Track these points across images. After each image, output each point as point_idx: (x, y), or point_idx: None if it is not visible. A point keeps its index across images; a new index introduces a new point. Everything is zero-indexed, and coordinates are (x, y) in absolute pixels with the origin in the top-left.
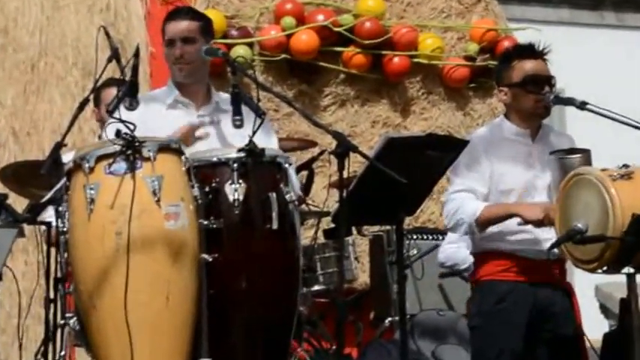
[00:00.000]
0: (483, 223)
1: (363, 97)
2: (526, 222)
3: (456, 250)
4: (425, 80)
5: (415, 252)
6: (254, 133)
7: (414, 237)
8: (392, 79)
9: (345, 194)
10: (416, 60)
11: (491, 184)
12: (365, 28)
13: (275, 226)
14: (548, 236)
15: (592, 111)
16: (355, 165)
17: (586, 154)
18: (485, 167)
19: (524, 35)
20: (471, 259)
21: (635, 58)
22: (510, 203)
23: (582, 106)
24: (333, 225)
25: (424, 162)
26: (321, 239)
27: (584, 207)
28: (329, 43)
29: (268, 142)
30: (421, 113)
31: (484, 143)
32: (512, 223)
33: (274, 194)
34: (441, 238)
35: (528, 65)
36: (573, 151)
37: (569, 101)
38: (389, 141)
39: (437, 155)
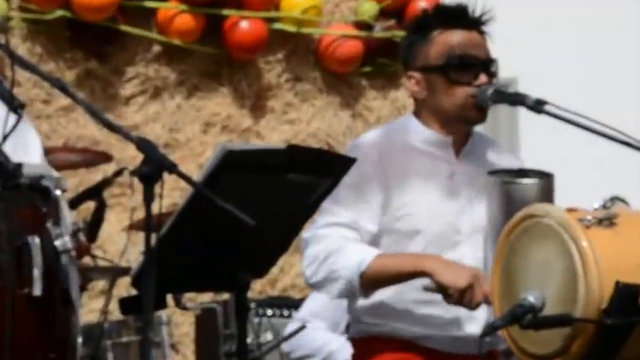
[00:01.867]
0: (372, 282)
1: (189, 83)
2: (439, 288)
3: (311, 331)
4: (291, 59)
5: (270, 336)
6: (4, 138)
7: (269, 312)
8: (237, 56)
9: (154, 241)
10: (276, 26)
11: (386, 221)
12: None
13: (37, 291)
14: (476, 314)
15: (553, 115)
16: (174, 195)
17: (546, 180)
18: (376, 192)
19: None
20: (338, 346)
21: (625, 34)
22: (418, 254)
23: (538, 106)
24: (134, 291)
25: (284, 191)
26: (116, 314)
27: (538, 269)
28: None
29: (27, 153)
30: (284, 112)
31: (378, 154)
32: (416, 289)
33: (37, 239)
34: None
35: (455, 39)
36: (525, 173)
37: (516, 99)
38: (228, 155)
39: (305, 181)
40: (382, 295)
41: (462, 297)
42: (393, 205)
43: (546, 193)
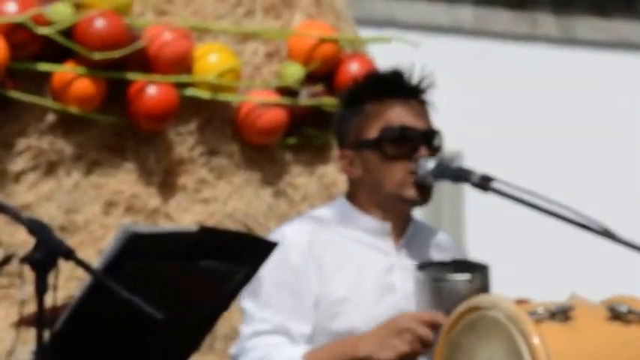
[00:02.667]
0: None
1: (89, 157)
2: None
3: None
4: (205, 130)
5: None
6: None
7: None
8: (144, 126)
9: (47, 339)
10: (189, 92)
11: (319, 319)
12: (94, 31)
13: None
14: None
15: (502, 193)
16: (71, 286)
17: (480, 273)
18: (308, 288)
19: (388, 52)
20: None
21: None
22: (347, 341)
23: (484, 183)
24: None
25: (196, 280)
26: None
27: None
28: (28, 56)
29: None
30: (197, 190)
31: (307, 244)
32: None
33: None
34: None
35: (391, 110)
36: (457, 266)
37: (460, 174)
38: (131, 238)
39: (220, 268)
40: None
41: (415, 353)
42: (327, 300)
43: (481, 288)
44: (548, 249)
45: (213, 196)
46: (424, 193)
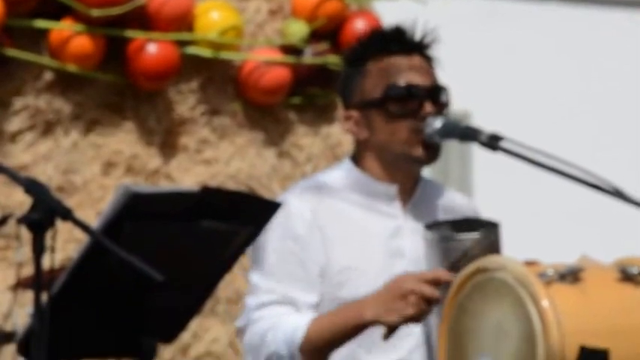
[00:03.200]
0: (316, 350)
1: (87, 116)
2: (394, 328)
3: None
4: (207, 89)
5: None
6: None
7: None
8: (144, 85)
9: (44, 301)
10: (190, 50)
11: (326, 288)
12: None
13: None
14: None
15: (511, 153)
16: (69, 248)
17: (489, 230)
18: (313, 257)
19: (395, 10)
20: None
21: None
22: (352, 305)
23: (493, 142)
24: None
25: (197, 241)
26: None
27: (492, 331)
28: (24, 13)
29: None
30: (199, 151)
31: (311, 212)
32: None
33: None
34: None
35: (394, 66)
36: (466, 225)
37: (468, 133)
38: (131, 198)
39: (221, 229)
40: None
41: (420, 313)
42: (333, 269)
43: (491, 247)
44: (557, 209)
45: (215, 157)
46: (431, 151)
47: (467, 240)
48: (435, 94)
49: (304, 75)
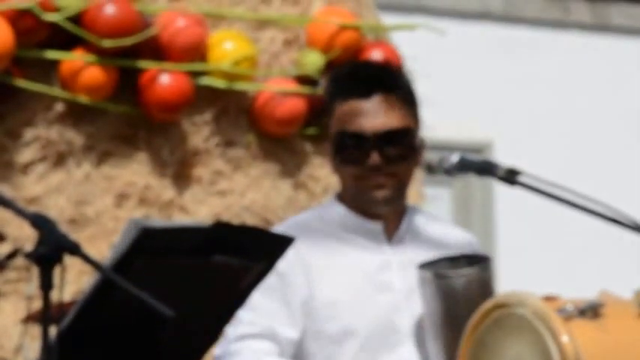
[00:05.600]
0: None
1: (100, 148)
2: None
3: None
4: (221, 120)
5: None
6: None
7: None
8: (157, 116)
9: (53, 336)
10: (203, 81)
11: (311, 323)
12: (104, 18)
13: None
14: None
15: (530, 187)
16: (82, 280)
17: (480, 266)
18: (295, 295)
19: (414, 40)
20: None
21: (623, 83)
22: None
23: (510, 177)
24: None
25: (210, 276)
26: None
27: None
28: (35, 43)
29: None
30: (213, 182)
31: (296, 247)
32: None
33: None
34: None
35: (349, 113)
36: (459, 261)
37: (484, 168)
38: (142, 233)
39: (234, 264)
40: None
41: None
42: (317, 304)
43: (485, 282)
44: (579, 244)
45: (230, 188)
46: (388, 194)
47: (461, 277)
48: (386, 140)
49: (319, 106)
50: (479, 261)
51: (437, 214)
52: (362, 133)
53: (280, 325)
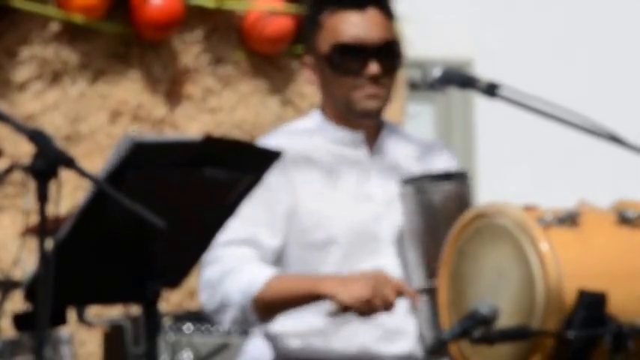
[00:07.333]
0: (267, 307)
1: (94, 66)
2: (343, 309)
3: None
4: (211, 39)
5: (189, 355)
6: None
7: (187, 328)
8: (149, 35)
9: (50, 247)
10: (194, 0)
11: (294, 232)
12: None
13: None
14: (404, 328)
15: (510, 100)
16: (78, 195)
17: (458, 181)
18: (279, 200)
19: None
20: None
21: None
22: (315, 276)
23: (491, 90)
24: (29, 306)
25: (200, 189)
26: (10, 331)
27: (491, 275)
28: None
29: None
30: (203, 99)
31: (283, 157)
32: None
33: None
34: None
35: (344, 23)
36: (439, 177)
37: (466, 81)
38: (134, 148)
39: (223, 177)
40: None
41: (372, 306)
42: (302, 213)
43: (464, 196)
44: (558, 158)
45: (220, 105)
46: (377, 104)
47: (439, 192)
48: (383, 51)
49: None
50: (458, 177)
51: (419, 130)
52: (361, 44)
53: (263, 233)
